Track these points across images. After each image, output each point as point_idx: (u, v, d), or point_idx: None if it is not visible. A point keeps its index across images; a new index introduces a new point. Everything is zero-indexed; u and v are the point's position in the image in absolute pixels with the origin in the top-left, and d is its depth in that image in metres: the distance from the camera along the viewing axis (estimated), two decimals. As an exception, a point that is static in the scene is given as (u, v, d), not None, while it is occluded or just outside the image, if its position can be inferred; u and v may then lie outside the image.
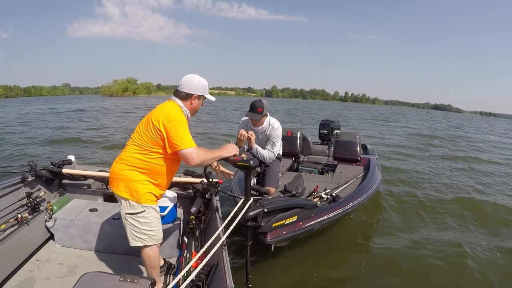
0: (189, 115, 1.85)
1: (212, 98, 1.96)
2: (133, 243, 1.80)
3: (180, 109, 1.79)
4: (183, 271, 1.92)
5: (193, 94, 1.80)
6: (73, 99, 48.77)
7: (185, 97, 1.81)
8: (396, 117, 34.74)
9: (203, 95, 1.86)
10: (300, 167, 4.54)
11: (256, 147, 3.05)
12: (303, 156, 4.84)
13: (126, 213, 1.76)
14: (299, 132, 4.64)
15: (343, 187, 3.60)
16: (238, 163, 1.81)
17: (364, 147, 5.31)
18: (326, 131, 5.89)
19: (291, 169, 4.52)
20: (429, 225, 4.10)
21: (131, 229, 1.77)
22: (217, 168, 2.18)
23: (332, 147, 4.94)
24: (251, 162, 1.78)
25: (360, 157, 4.58)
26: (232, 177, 2.39)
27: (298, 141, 4.56)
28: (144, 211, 1.75)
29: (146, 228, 1.78)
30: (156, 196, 1.81)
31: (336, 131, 5.72)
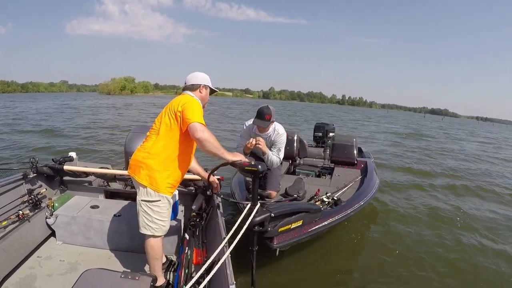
0: (201, 104, 1.94)
1: (216, 90, 2.15)
2: (143, 230, 1.86)
3: (194, 97, 1.93)
4: (185, 268, 1.92)
5: (200, 84, 2.00)
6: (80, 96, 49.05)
7: (193, 88, 1.99)
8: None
9: (208, 85, 2.04)
10: (297, 170, 4.55)
11: (268, 152, 2.98)
12: (299, 158, 4.83)
13: (142, 200, 1.83)
14: (296, 135, 4.59)
15: (343, 190, 3.63)
16: (246, 168, 1.79)
17: (359, 150, 5.33)
18: (320, 134, 5.96)
19: (288, 172, 4.54)
20: (424, 224, 4.19)
21: (144, 216, 1.84)
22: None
23: (328, 150, 4.94)
24: (259, 166, 1.77)
25: (357, 160, 4.59)
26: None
27: (295, 144, 4.51)
28: (159, 200, 1.82)
29: (158, 217, 1.84)
30: (173, 186, 1.89)
31: (330, 133, 5.84)
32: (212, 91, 2.10)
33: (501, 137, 26.58)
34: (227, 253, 1.60)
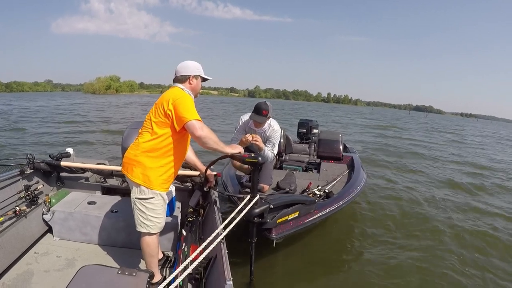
0: (192, 95, 1.92)
1: (209, 77, 2.06)
2: (139, 228, 1.87)
3: (184, 91, 1.88)
4: (182, 264, 1.93)
5: (190, 75, 1.93)
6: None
7: (183, 80, 1.93)
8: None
9: (199, 75, 1.97)
10: (284, 165, 4.64)
11: (264, 148, 2.99)
12: (285, 154, 4.92)
13: (136, 198, 1.82)
14: (282, 131, 4.67)
15: (333, 183, 3.74)
16: (247, 160, 1.82)
17: (344, 146, 5.46)
18: (305, 130, 6.07)
19: (275, 167, 4.61)
20: (413, 216, 4.37)
21: (139, 214, 1.84)
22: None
23: (313, 146, 5.11)
24: (259, 158, 1.80)
25: (342, 155, 4.72)
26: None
27: (281, 140, 4.60)
28: (153, 197, 1.82)
29: (152, 214, 1.84)
30: (167, 183, 1.88)
31: (314, 130, 5.98)
32: (203, 80, 2.03)
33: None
34: (224, 249, 1.61)
